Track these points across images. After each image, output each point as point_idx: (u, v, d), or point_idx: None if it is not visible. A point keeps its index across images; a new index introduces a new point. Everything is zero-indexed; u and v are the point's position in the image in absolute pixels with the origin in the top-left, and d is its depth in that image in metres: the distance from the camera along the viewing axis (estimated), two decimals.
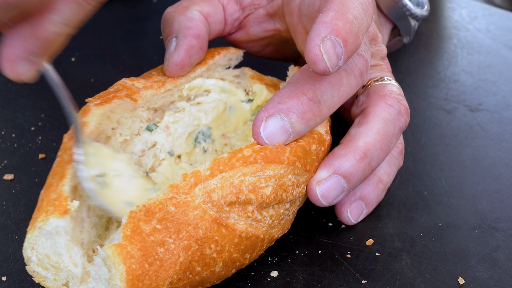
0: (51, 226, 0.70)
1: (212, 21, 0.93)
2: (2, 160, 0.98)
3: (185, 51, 0.88)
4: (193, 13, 0.91)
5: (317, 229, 0.86)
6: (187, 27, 0.89)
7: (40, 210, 0.72)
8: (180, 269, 0.70)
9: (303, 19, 0.86)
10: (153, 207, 0.70)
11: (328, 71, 0.72)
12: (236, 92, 0.93)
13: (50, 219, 0.70)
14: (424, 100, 1.11)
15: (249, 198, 0.73)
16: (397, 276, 0.79)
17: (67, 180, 0.73)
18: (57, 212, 0.70)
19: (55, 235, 0.70)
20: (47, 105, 1.10)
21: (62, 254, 0.70)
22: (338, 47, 0.71)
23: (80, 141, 0.75)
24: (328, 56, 0.71)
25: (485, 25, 1.33)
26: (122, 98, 0.83)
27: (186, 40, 0.88)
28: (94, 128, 0.79)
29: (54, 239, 0.70)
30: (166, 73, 0.89)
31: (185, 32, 0.89)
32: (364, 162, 0.79)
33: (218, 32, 0.96)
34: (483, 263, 0.81)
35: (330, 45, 0.71)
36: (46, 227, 0.70)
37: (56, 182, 0.74)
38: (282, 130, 0.75)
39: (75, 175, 0.74)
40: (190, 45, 0.88)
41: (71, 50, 1.26)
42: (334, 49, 0.71)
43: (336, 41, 0.71)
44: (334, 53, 0.71)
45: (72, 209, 0.71)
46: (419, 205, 0.89)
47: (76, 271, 0.70)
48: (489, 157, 0.98)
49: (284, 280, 0.79)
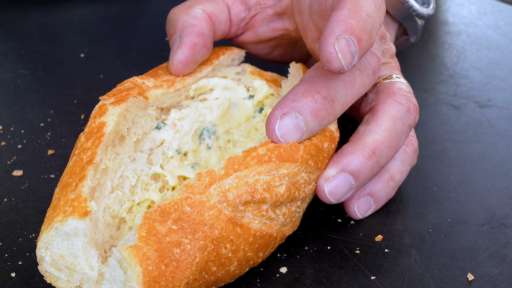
0: (69, 227, 0.69)
1: (216, 20, 0.93)
2: (11, 156, 0.98)
3: (189, 48, 0.88)
4: (197, 12, 0.91)
5: (326, 225, 0.86)
6: (190, 25, 0.89)
7: (57, 210, 0.71)
8: (196, 270, 0.69)
9: (314, 17, 0.86)
10: (168, 208, 0.69)
11: (343, 70, 0.72)
12: (238, 89, 0.93)
13: (69, 220, 0.69)
14: (433, 96, 1.11)
15: (264, 197, 0.73)
16: (406, 272, 0.79)
17: (87, 181, 0.72)
18: (76, 213, 0.69)
19: (72, 236, 0.69)
20: (56, 101, 1.10)
21: (78, 256, 0.69)
22: (353, 45, 0.71)
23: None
24: (343, 55, 0.71)
25: (494, 21, 1.33)
26: (136, 97, 0.83)
27: (190, 38, 0.88)
28: (112, 129, 0.79)
29: (72, 241, 0.69)
30: (171, 71, 0.89)
31: (189, 30, 0.89)
32: (372, 160, 0.79)
33: (223, 32, 0.96)
34: (492, 259, 0.80)
35: (344, 44, 0.71)
36: (64, 228, 0.69)
37: (74, 182, 0.73)
38: (296, 128, 0.75)
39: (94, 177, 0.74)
40: (193, 42, 0.88)
41: (80, 46, 1.26)
42: (349, 48, 0.71)
43: (351, 40, 0.71)
44: (348, 52, 0.71)
45: (92, 211, 0.70)
46: (428, 201, 0.89)
47: (92, 274, 0.69)
48: (498, 153, 0.97)
49: (293, 276, 0.79)
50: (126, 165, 0.80)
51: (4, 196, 0.91)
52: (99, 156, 0.75)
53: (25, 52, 1.24)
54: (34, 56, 1.22)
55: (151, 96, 0.85)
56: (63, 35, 1.29)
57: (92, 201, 0.71)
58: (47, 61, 1.22)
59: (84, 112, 1.07)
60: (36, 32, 1.30)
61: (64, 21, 1.33)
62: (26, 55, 1.23)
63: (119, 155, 0.80)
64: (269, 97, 0.93)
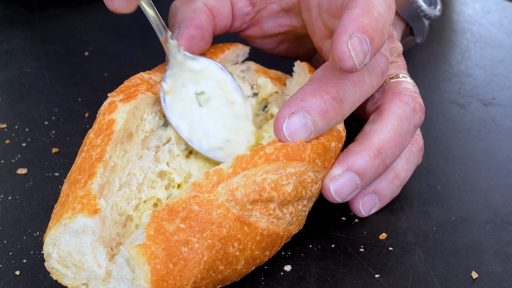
0: (78, 225, 0.69)
1: (217, 14, 0.93)
2: (15, 154, 0.98)
3: (186, 40, 0.88)
4: (197, 4, 0.91)
5: (331, 223, 0.86)
6: (189, 17, 0.90)
7: (65, 206, 0.71)
8: (204, 268, 0.69)
9: (323, 15, 0.86)
10: (176, 206, 0.69)
11: (355, 68, 0.72)
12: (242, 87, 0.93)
13: (78, 217, 0.69)
14: (437, 95, 1.11)
15: (272, 195, 0.73)
16: (410, 270, 0.79)
17: (96, 178, 0.72)
18: (86, 210, 0.69)
19: (81, 233, 0.69)
20: (61, 99, 1.10)
21: (86, 254, 0.69)
22: (365, 44, 0.71)
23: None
24: (355, 53, 0.71)
25: (498, 20, 1.32)
26: (144, 93, 0.83)
27: (187, 30, 0.89)
28: (122, 127, 0.79)
29: (80, 238, 0.69)
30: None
31: (187, 22, 0.89)
32: (378, 159, 0.79)
33: (224, 26, 0.96)
34: (496, 257, 0.80)
35: (357, 42, 0.71)
36: (73, 225, 0.69)
37: (83, 179, 0.73)
38: (304, 127, 0.76)
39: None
40: (190, 34, 0.89)
41: (85, 44, 1.26)
42: (361, 46, 0.71)
43: (363, 38, 0.71)
44: (361, 50, 0.71)
45: (102, 209, 0.70)
46: (432, 199, 0.89)
47: (100, 272, 0.69)
48: (502, 152, 0.97)
49: (297, 274, 0.79)
50: (134, 163, 0.81)
51: (8, 194, 0.91)
52: (108, 153, 0.75)
53: (30, 50, 1.24)
54: (39, 55, 1.23)
55: (158, 91, 0.85)
56: (67, 33, 1.29)
57: (102, 199, 0.71)
58: (51, 60, 1.22)
59: (88, 110, 1.07)
60: (41, 31, 1.30)
61: (68, 19, 1.33)
62: (30, 54, 1.23)
63: (127, 153, 0.80)
64: (273, 95, 0.93)
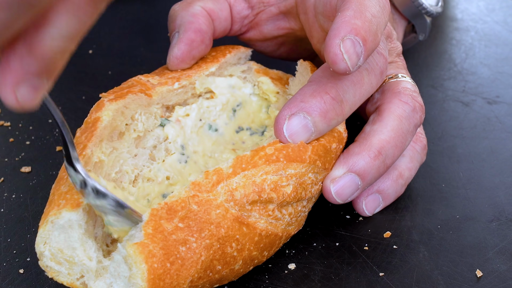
0: (63, 220, 0.69)
1: (216, 17, 0.93)
2: (19, 152, 0.98)
3: (186, 44, 0.88)
4: (196, 8, 0.91)
5: (335, 221, 0.86)
6: (188, 21, 0.90)
7: (52, 204, 0.71)
8: (201, 268, 0.69)
9: (319, 18, 0.86)
10: (175, 205, 0.69)
11: (349, 71, 0.72)
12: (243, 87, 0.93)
13: (63, 212, 0.69)
14: (442, 93, 1.10)
15: (271, 196, 0.73)
16: (415, 269, 0.79)
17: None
18: (69, 205, 0.69)
19: (68, 228, 0.69)
20: (64, 97, 1.10)
21: (76, 248, 0.69)
22: (358, 46, 0.72)
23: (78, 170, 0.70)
24: (348, 56, 0.71)
25: (502, 17, 1.32)
26: (137, 94, 0.82)
27: (187, 34, 0.89)
28: (107, 124, 0.78)
29: (68, 233, 0.69)
30: (168, 66, 0.90)
31: (186, 27, 0.90)
32: (378, 160, 0.79)
33: (224, 29, 0.96)
34: (501, 256, 0.80)
35: (350, 45, 0.71)
36: (59, 221, 0.69)
37: (66, 175, 0.73)
38: (304, 128, 0.76)
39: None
40: (190, 39, 0.89)
41: (89, 42, 1.26)
42: (354, 48, 0.71)
43: (356, 40, 0.71)
44: (354, 52, 0.71)
45: (84, 202, 0.70)
46: (437, 198, 0.89)
47: (91, 264, 0.69)
48: (507, 150, 0.97)
49: (301, 272, 0.79)
50: (126, 160, 0.80)
51: (12, 193, 0.91)
52: (89, 149, 0.75)
53: None
54: None
55: (156, 93, 0.84)
56: None
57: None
58: None
59: None
60: None
61: None
62: None
63: (117, 150, 0.80)
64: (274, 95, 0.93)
